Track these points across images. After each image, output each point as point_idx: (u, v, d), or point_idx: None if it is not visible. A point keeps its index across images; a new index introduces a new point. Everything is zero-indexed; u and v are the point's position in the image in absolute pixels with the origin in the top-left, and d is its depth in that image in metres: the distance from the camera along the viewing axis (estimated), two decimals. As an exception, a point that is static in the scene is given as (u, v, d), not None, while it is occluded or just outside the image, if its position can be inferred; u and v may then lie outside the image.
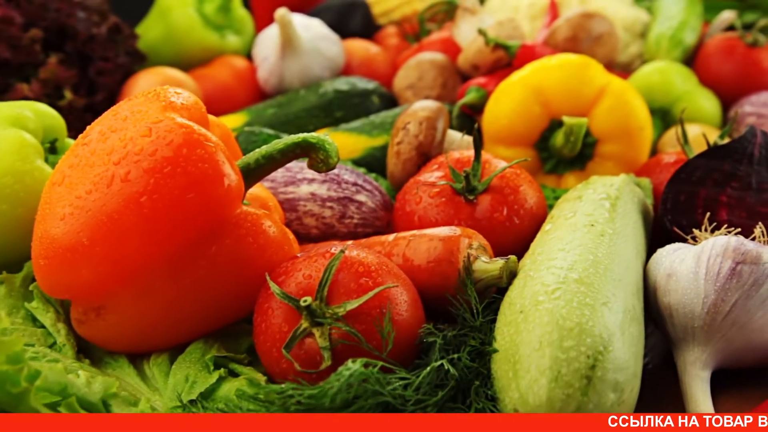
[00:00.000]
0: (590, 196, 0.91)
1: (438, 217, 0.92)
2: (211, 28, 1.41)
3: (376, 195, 0.99)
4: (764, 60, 1.30)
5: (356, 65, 1.39)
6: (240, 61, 1.40)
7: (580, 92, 1.07)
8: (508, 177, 0.94)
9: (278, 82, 1.33)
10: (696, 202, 0.93)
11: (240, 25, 1.46)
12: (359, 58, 1.40)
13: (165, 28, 1.39)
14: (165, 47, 1.40)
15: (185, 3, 1.39)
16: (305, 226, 0.97)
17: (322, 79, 1.33)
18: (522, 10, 1.49)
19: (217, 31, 1.42)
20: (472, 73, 1.28)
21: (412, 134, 1.03)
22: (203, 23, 1.40)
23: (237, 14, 1.46)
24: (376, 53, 1.42)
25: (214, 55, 1.41)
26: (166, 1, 1.40)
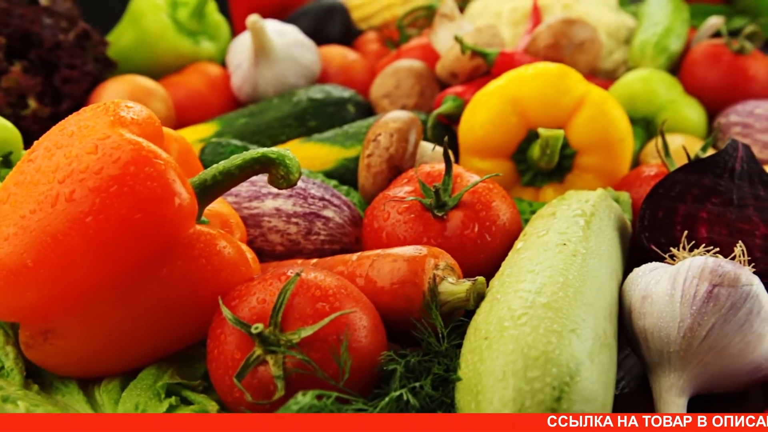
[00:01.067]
0: (564, 213, 0.88)
1: (406, 234, 0.89)
2: (184, 34, 1.37)
3: (344, 210, 0.96)
4: (751, 67, 1.27)
5: (333, 72, 1.36)
6: (214, 68, 1.36)
7: (557, 102, 1.04)
8: (480, 192, 0.91)
9: (252, 90, 1.29)
10: (675, 218, 0.89)
11: (215, 30, 1.43)
12: (336, 65, 1.36)
13: (137, 35, 1.36)
14: (137, 54, 1.36)
15: (157, 8, 1.35)
16: (270, 242, 0.93)
17: (297, 87, 1.30)
18: (504, 16, 1.45)
19: (191, 38, 1.38)
20: (451, 81, 1.24)
21: (382, 146, 0.99)
22: (176, 29, 1.36)
23: (212, 20, 1.43)
24: (354, 60, 1.38)
25: (188, 61, 1.37)
26: (139, 7, 1.36)
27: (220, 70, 1.36)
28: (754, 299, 0.75)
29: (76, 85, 1.21)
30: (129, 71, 1.34)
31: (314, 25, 1.47)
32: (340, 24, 1.50)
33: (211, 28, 1.42)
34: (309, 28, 1.47)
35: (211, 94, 1.32)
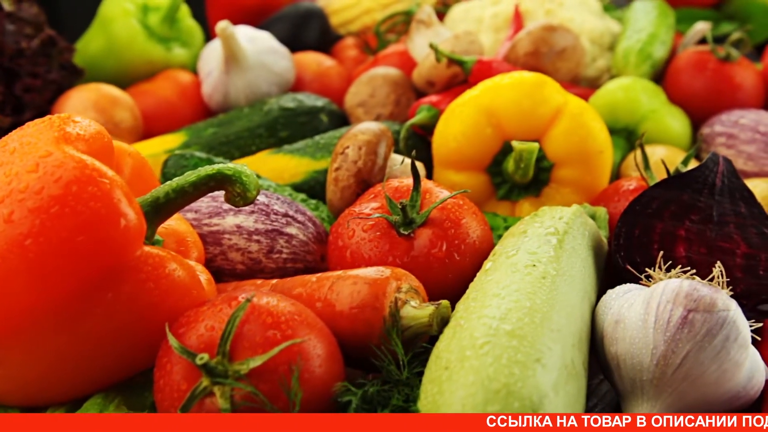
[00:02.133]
0: (536, 231, 0.84)
1: (371, 253, 0.85)
2: (155, 40, 1.33)
3: (308, 227, 0.92)
4: (737, 75, 1.23)
5: (308, 80, 1.32)
6: (185, 75, 1.32)
7: (534, 113, 1.00)
8: (450, 208, 0.87)
9: (223, 98, 1.25)
10: (651, 236, 0.86)
11: (188, 36, 1.39)
12: (311, 73, 1.33)
13: (106, 41, 1.32)
14: (106, 61, 1.32)
15: (127, 13, 1.31)
16: (230, 261, 0.89)
17: (269, 95, 1.26)
18: (485, 22, 1.41)
19: (163, 44, 1.34)
20: (427, 89, 1.21)
21: (350, 160, 0.96)
22: (147, 35, 1.32)
23: (185, 25, 1.39)
24: (330, 67, 1.34)
25: (159, 69, 1.33)
26: (108, 12, 1.32)
27: (191, 78, 1.32)
28: (731, 325, 0.71)
29: (38, 94, 1.17)
30: (98, 79, 1.30)
31: (290, 30, 1.44)
32: (318, 29, 1.46)
33: (183, 33, 1.38)
34: (285, 34, 1.43)
35: (182, 103, 1.28)
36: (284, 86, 1.28)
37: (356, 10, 1.54)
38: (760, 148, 1.10)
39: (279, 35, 1.42)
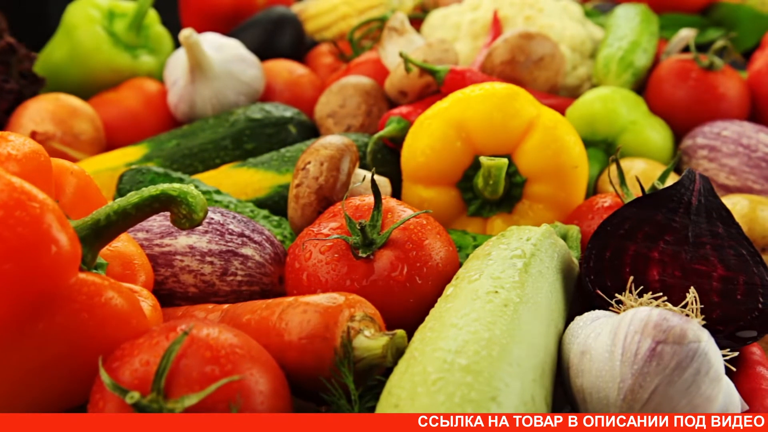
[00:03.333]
0: (501, 254, 0.80)
1: (328, 276, 0.81)
2: (121, 47, 1.29)
3: (265, 248, 0.88)
4: (721, 85, 1.19)
5: (279, 89, 1.28)
6: (152, 84, 1.28)
7: (505, 126, 0.96)
8: (412, 229, 0.83)
9: (189, 108, 1.21)
10: (623, 259, 0.81)
11: (156, 44, 1.34)
12: (282, 81, 1.28)
13: (70, 49, 1.27)
14: (70, 69, 1.28)
15: (92, 20, 1.27)
16: (182, 284, 0.85)
17: (237, 105, 1.22)
18: (463, 28, 1.37)
19: (129, 51, 1.30)
20: (400, 99, 1.16)
21: (311, 176, 0.91)
22: (112, 42, 1.28)
23: (153, 32, 1.34)
24: (302, 75, 1.30)
25: (126, 77, 1.29)
26: (72, 19, 1.28)
27: (158, 87, 1.28)
28: (702, 358, 0.67)
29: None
30: (61, 88, 1.26)
31: (263, 37, 1.39)
32: (291, 36, 1.42)
33: (151, 40, 1.34)
34: (257, 41, 1.39)
35: (147, 113, 1.23)
36: (253, 96, 1.23)
37: (332, 15, 1.50)
38: (743, 162, 1.06)
39: (251, 42, 1.38)
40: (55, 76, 1.27)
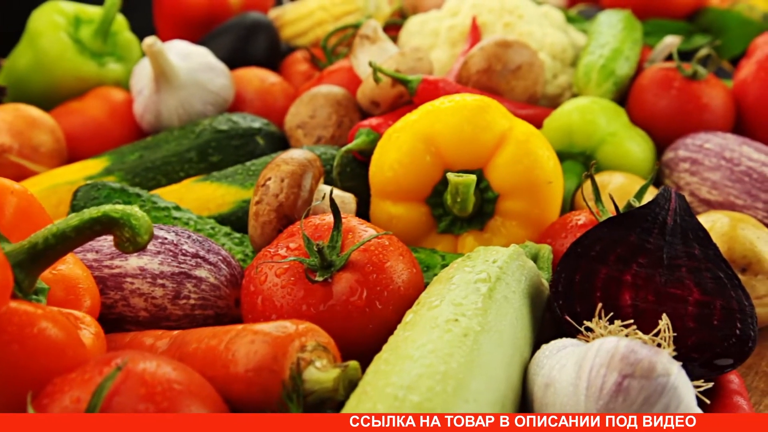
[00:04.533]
0: (465, 277, 0.76)
1: (283, 301, 0.77)
2: (87, 55, 1.25)
3: (221, 269, 0.84)
4: (704, 95, 1.15)
5: (249, 98, 1.24)
6: (118, 93, 1.24)
7: (476, 140, 0.92)
8: (373, 251, 0.79)
9: (154, 118, 1.17)
10: (594, 282, 0.77)
11: (124, 51, 1.30)
12: (253, 90, 1.24)
13: (34, 56, 1.23)
14: (34, 78, 1.24)
15: (56, 27, 1.23)
16: (132, 308, 0.81)
17: (205, 115, 1.18)
18: (442, 35, 1.33)
19: (95, 59, 1.26)
20: (372, 110, 1.12)
21: (271, 193, 0.87)
22: (78, 50, 1.24)
23: (121, 39, 1.30)
24: (273, 84, 1.26)
25: (92, 86, 1.25)
26: (36, 26, 1.24)
27: (125, 96, 1.24)
28: (671, 392, 0.63)
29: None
30: (25, 97, 1.22)
31: (236, 43, 1.35)
32: (266, 42, 1.38)
33: (119, 48, 1.30)
34: (229, 47, 1.35)
35: (112, 123, 1.19)
36: (222, 105, 1.19)
37: (308, 21, 1.46)
38: (725, 176, 1.02)
39: (223, 49, 1.34)
40: (18, 84, 1.23)
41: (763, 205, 0.97)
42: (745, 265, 0.88)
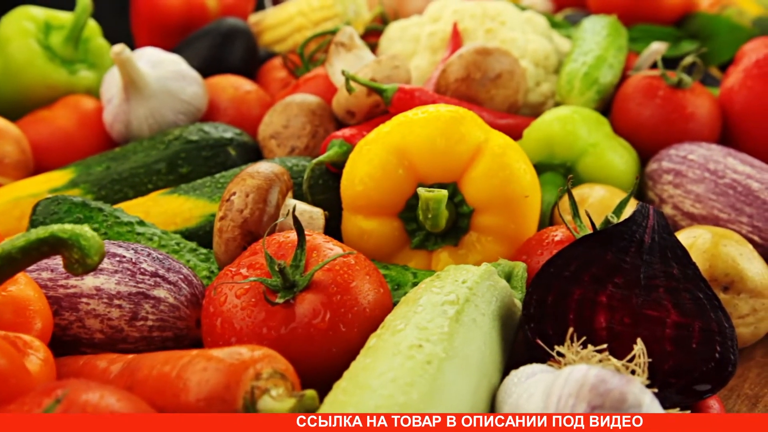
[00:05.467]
0: (432, 299, 0.72)
1: (243, 324, 0.73)
2: (57, 62, 1.22)
3: (181, 288, 0.80)
4: (690, 104, 1.11)
5: (224, 107, 1.20)
6: (89, 102, 1.20)
7: (449, 153, 0.89)
8: (338, 270, 0.76)
9: (124, 128, 1.14)
10: (567, 304, 0.74)
11: (96, 58, 1.27)
12: (227, 99, 1.21)
13: (2, 64, 1.20)
14: (2, 86, 1.20)
15: (25, 33, 1.19)
16: (88, 329, 0.78)
17: (176, 125, 1.14)
18: (422, 41, 1.30)
19: (66, 66, 1.23)
20: (348, 119, 1.09)
21: (235, 208, 0.84)
22: (47, 57, 1.21)
23: (93, 45, 1.27)
24: (248, 92, 1.23)
25: (62, 93, 1.22)
26: (5, 32, 1.20)
27: (96, 105, 1.20)
28: (643, 425, 0.60)
29: None
30: (-9, 106, 1.18)
31: (212, 50, 1.32)
32: (243, 49, 1.34)
33: (91, 54, 1.27)
34: (205, 54, 1.31)
35: (81, 133, 1.16)
36: (194, 115, 1.16)
37: (288, 27, 1.42)
38: (709, 189, 0.99)
39: (199, 55, 1.31)
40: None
41: (748, 220, 0.94)
42: (728, 283, 0.84)
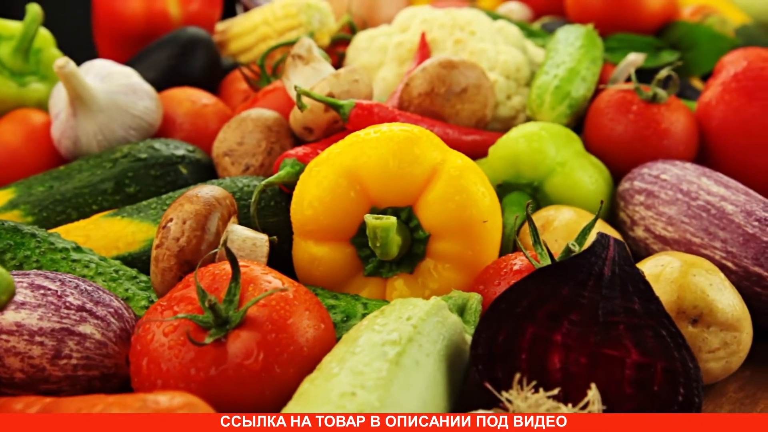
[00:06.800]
0: (372, 338, 0.67)
1: (170, 364, 0.68)
2: (6, 74, 1.16)
3: (110, 324, 0.75)
4: (665, 119, 1.06)
5: (179, 121, 1.15)
6: (39, 116, 1.15)
7: (403, 175, 0.84)
8: (274, 305, 0.70)
9: (72, 144, 1.08)
10: (519, 343, 0.69)
11: (49, 70, 1.22)
12: (183, 113, 1.15)
13: (-52, 76, 1.15)
14: (-53, 99, 1.15)
15: (-28, 45, 1.14)
16: (7, 368, 0.72)
17: (127, 141, 1.09)
18: (390, 51, 1.24)
19: (16, 79, 1.17)
20: (306, 136, 1.04)
21: (171, 237, 0.79)
22: (-5, 69, 1.15)
23: (45, 56, 1.22)
24: (206, 105, 1.17)
25: (11, 107, 1.16)
26: (-49, 43, 1.15)
27: (45, 119, 1.15)
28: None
29: None
30: (-62, 119, 1.13)
31: (171, 60, 1.26)
32: (204, 59, 1.29)
33: (44, 66, 1.21)
34: (164, 65, 1.26)
35: (28, 149, 1.11)
36: (147, 130, 1.11)
37: (252, 36, 1.37)
38: (681, 211, 0.93)
39: (157, 67, 1.26)
40: (-69, 106, 1.15)
41: (722, 245, 0.89)
42: (696, 315, 0.79)
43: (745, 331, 0.81)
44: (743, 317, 0.81)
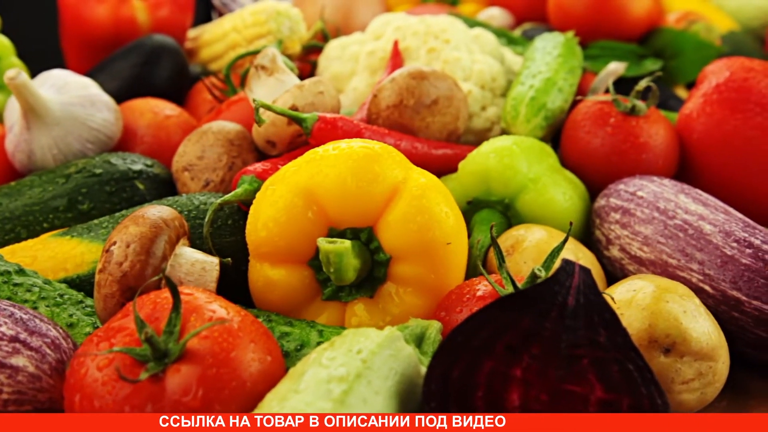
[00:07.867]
0: (318, 374, 0.63)
1: (103, 402, 0.64)
2: (-37, 85, 1.13)
3: (45, 355, 0.71)
4: (643, 132, 1.02)
5: (141, 134, 1.11)
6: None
7: (362, 194, 0.80)
8: (216, 337, 0.66)
9: (27, 158, 1.04)
10: (476, 379, 0.65)
11: (9, 80, 1.17)
12: (145, 124, 1.11)
13: None
14: None
15: (-74, 54, 1.10)
16: (-67, 404, 0.68)
17: (84, 155, 1.05)
18: (361, 60, 1.20)
19: (-28, 89, 1.14)
20: (269, 150, 1.00)
21: (114, 261, 0.75)
22: (-49, 79, 1.11)
23: (5, 65, 1.18)
24: (169, 116, 1.13)
25: (-32, 118, 1.12)
26: None
27: (2, 132, 1.11)
28: None
29: None
30: None
31: (135, 69, 1.22)
32: (170, 68, 1.25)
33: (2, 76, 1.17)
34: (128, 74, 1.22)
35: (-19, 163, 1.07)
36: (105, 143, 1.06)
37: (222, 44, 1.33)
38: (658, 231, 0.89)
39: (120, 76, 1.21)
40: None
41: (699, 267, 0.85)
42: (669, 345, 0.75)
43: (721, 360, 0.76)
44: (719, 345, 0.76)
